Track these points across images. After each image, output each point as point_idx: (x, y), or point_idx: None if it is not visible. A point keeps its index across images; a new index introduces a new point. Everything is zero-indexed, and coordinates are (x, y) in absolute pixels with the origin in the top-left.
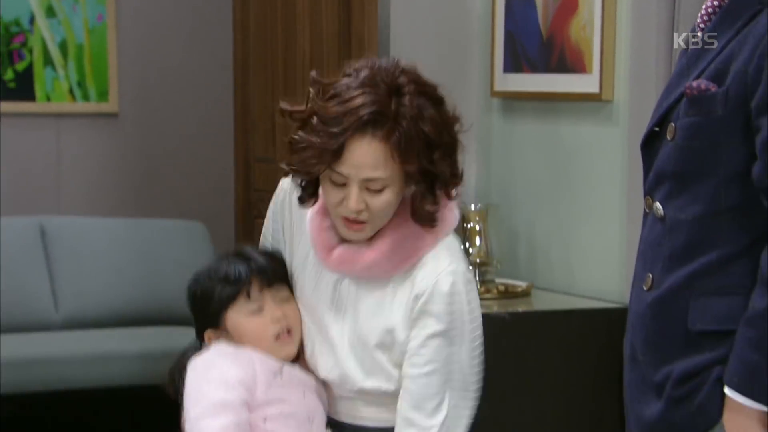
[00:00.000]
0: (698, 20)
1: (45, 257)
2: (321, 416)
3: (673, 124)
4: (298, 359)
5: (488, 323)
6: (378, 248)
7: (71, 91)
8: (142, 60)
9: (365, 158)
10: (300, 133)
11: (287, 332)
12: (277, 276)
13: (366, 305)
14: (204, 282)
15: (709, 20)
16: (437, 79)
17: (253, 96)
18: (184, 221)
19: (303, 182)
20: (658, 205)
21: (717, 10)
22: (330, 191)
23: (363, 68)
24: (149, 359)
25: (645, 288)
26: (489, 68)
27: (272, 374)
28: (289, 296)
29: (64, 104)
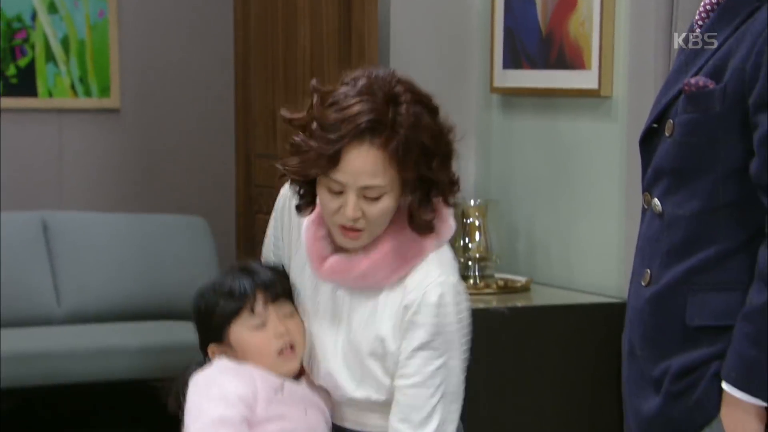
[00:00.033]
0: (696, 17)
1: (47, 252)
2: None
3: (672, 121)
4: (303, 375)
5: (488, 318)
6: (370, 258)
7: (73, 87)
8: (144, 56)
9: (363, 166)
10: (299, 138)
11: (290, 348)
12: (282, 291)
13: (359, 314)
14: (208, 296)
15: (707, 17)
16: (437, 76)
17: (254, 92)
18: (185, 216)
19: (301, 190)
20: (657, 202)
21: (715, 7)
22: (327, 199)
23: (360, 77)
24: (151, 353)
25: (643, 284)
26: (488, 64)
27: (273, 391)
28: (293, 312)
29: (66, 100)
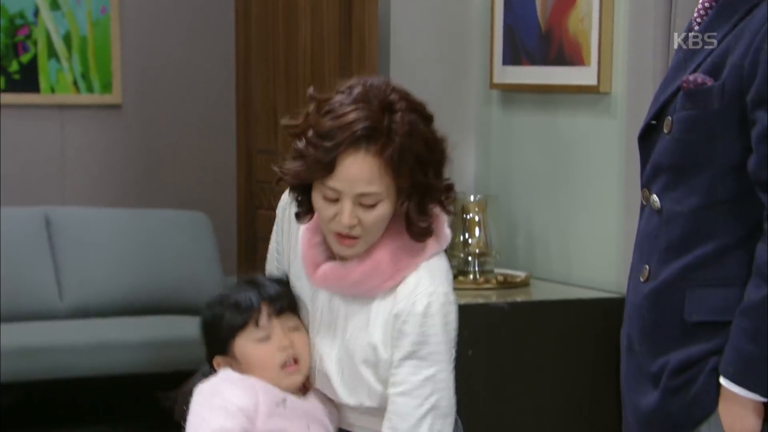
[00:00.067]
0: (695, 14)
1: (49, 247)
2: None
3: (670, 118)
4: (310, 390)
5: (487, 313)
6: (363, 266)
7: (75, 83)
8: (146, 52)
9: (359, 173)
10: (296, 144)
11: (294, 362)
12: (287, 305)
13: (353, 321)
14: (215, 308)
15: (706, 14)
16: (437, 72)
17: (255, 88)
18: (187, 212)
19: (299, 197)
20: (655, 198)
21: (713, 4)
22: (322, 207)
23: (356, 85)
24: (152, 347)
25: (642, 279)
26: (488, 61)
27: (275, 404)
28: (299, 325)
29: (68, 96)
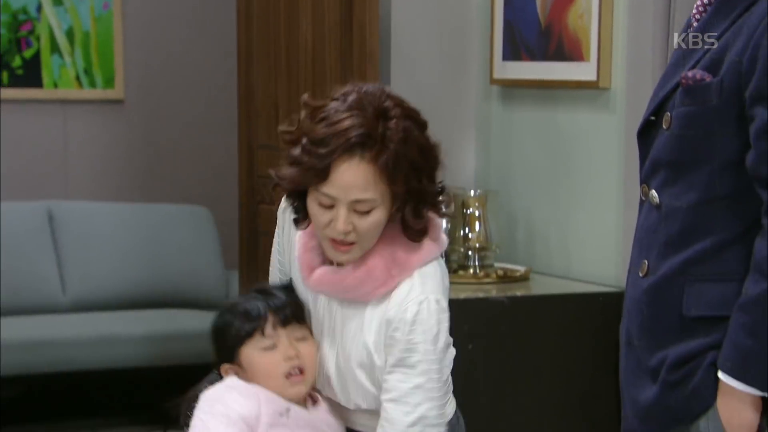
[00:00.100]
0: (693, 11)
1: (52, 241)
2: None
3: (669, 114)
4: (318, 402)
5: (487, 307)
6: (357, 272)
7: (78, 78)
8: (148, 47)
9: (354, 180)
10: (291, 151)
11: (299, 372)
12: (293, 315)
13: (349, 325)
14: (225, 316)
15: (705, 11)
16: (438, 67)
17: (257, 83)
18: (189, 206)
19: (296, 203)
20: (654, 193)
21: (712, 1)
22: (317, 213)
23: (350, 93)
24: (154, 341)
25: (641, 274)
26: (488, 56)
27: (278, 414)
28: (307, 336)
29: (71, 91)
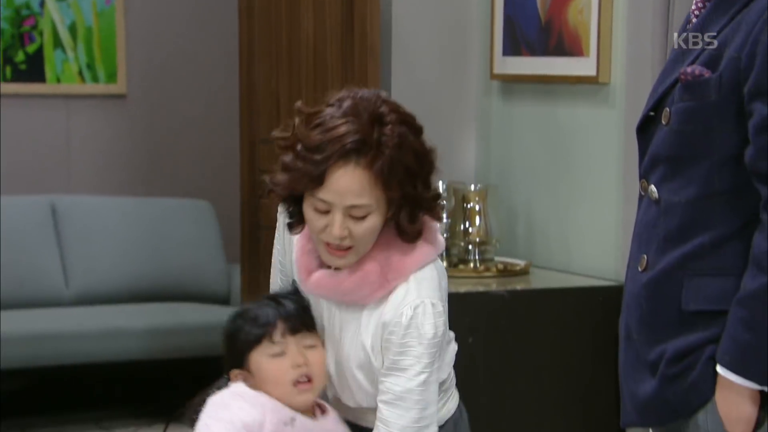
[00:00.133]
0: (693, 7)
1: (55, 235)
2: None
3: (668, 109)
4: (326, 412)
5: (487, 301)
6: (353, 277)
7: (80, 73)
8: (150, 42)
9: (349, 185)
10: (285, 157)
11: (307, 379)
12: (303, 323)
13: (346, 327)
14: (235, 322)
15: (704, 7)
16: (438, 63)
17: (258, 79)
18: (191, 200)
19: (290, 208)
20: (653, 188)
21: None
22: (313, 218)
23: (345, 98)
24: (157, 334)
25: (640, 269)
26: (488, 51)
27: (282, 423)
28: (316, 344)
29: (74, 86)
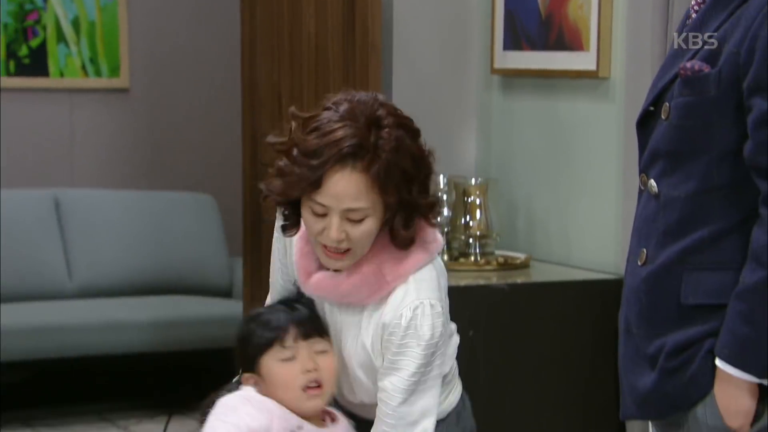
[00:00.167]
0: (692, 2)
1: (59, 228)
2: None
3: (668, 104)
4: (336, 420)
5: (488, 294)
6: (352, 279)
7: (84, 67)
8: (153, 37)
9: (346, 189)
10: (282, 162)
11: (317, 385)
12: (314, 329)
13: (347, 328)
14: (249, 325)
15: (703, 2)
16: (439, 57)
17: (260, 74)
18: (194, 194)
19: (285, 211)
20: (653, 183)
21: None
22: (311, 220)
23: (342, 102)
24: (159, 327)
25: (639, 263)
26: (489, 46)
27: (289, 431)
28: (327, 349)
29: (77, 80)
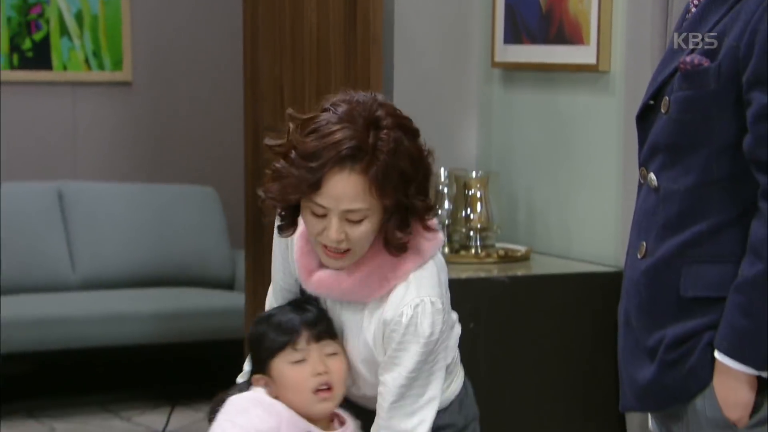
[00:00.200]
0: None
1: (62, 221)
2: None
3: (668, 98)
4: (344, 425)
5: (488, 287)
6: (352, 278)
7: (87, 61)
8: (155, 30)
9: (345, 191)
10: (280, 164)
11: (327, 388)
12: (326, 331)
13: (349, 325)
14: (261, 326)
15: None
16: (440, 51)
17: (262, 67)
18: (196, 186)
19: (281, 212)
20: (653, 176)
21: None
22: (310, 221)
23: (341, 103)
24: (162, 319)
25: (639, 256)
26: (490, 40)
27: None
28: (338, 352)
29: (80, 73)
